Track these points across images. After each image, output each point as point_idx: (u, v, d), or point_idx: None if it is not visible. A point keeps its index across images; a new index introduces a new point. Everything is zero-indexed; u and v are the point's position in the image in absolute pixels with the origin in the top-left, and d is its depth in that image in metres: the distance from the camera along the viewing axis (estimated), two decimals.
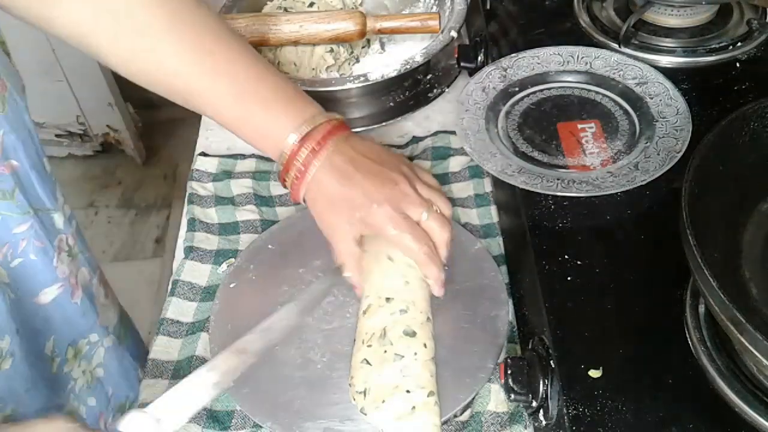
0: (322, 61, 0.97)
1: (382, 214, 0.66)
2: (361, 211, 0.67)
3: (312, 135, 0.67)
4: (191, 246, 0.82)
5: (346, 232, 0.68)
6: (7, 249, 0.64)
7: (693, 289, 0.62)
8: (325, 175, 0.67)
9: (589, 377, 0.58)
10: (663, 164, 0.72)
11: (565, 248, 0.68)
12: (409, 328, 0.65)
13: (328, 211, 0.69)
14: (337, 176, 0.67)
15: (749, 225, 0.63)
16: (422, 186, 0.70)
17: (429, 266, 0.68)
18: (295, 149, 0.67)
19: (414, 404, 0.61)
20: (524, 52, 0.87)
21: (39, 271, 0.68)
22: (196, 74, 0.67)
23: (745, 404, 0.54)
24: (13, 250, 0.65)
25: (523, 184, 0.73)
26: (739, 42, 0.88)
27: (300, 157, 0.67)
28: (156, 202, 2.29)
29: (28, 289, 0.68)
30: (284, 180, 0.70)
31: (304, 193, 0.69)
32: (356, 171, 0.68)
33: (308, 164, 0.67)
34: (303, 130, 0.67)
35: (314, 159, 0.67)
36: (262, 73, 0.69)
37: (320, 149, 0.67)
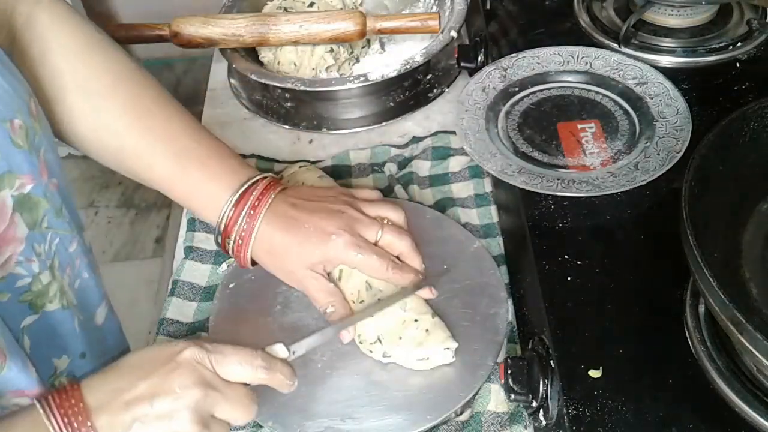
0: (322, 61, 0.97)
1: (341, 243, 0.67)
2: (319, 247, 0.67)
3: (249, 193, 0.69)
4: (191, 246, 0.82)
5: (314, 275, 0.69)
6: (70, 270, 0.62)
7: (693, 289, 0.62)
8: (271, 229, 0.68)
9: (589, 377, 0.58)
10: (663, 164, 0.72)
11: (565, 248, 0.68)
12: None
13: (288, 262, 0.69)
14: (283, 225, 0.68)
15: (749, 225, 0.63)
16: (366, 205, 0.71)
17: (402, 276, 0.69)
18: (234, 213, 0.68)
19: (426, 327, 0.66)
20: (524, 52, 0.87)
21: (92, 289, 0.66)
22: (136, 134, 0.69)
23: (745, 404, 0.54)
24: (73, 270, 0.63)
25: (523, 184, 0.73)
26: (739, 42, 0.88)
27: (240, 218, 0.68)
28: (156, 202, 2.29)
29: (89, 310, 0.66)
30: (225, 246, 0.70)
31: (250, 254, 0.70)
32: (301, 213, 0.69)
33: (251, 224, 0.68)
34: (240, 190, 0.69)
35: (255, 218, 0.68)
36: (199, 134, 0.71)
37: (259, 206, 0.68)
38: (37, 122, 0.59)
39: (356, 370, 0.67)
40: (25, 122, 0.57)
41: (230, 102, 1.04)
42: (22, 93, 0.58)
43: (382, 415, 0.63)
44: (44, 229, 0.59)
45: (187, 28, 0.95)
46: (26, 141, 0.56)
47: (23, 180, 0.56)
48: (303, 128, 0.97)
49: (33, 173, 0.57)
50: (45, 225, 0.59)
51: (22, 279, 0.56)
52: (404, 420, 0.63)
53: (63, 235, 0.61)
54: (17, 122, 0.56)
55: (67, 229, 0.62)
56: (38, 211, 0.58)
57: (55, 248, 0.60)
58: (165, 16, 0.97)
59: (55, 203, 0.60)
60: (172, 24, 0.95)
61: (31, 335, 0.57)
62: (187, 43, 0.96)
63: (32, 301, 0.57)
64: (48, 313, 0.59)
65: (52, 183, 0.60)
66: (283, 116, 0.99)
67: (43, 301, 0.58)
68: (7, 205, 0.55)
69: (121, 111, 0.69)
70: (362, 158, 0.90)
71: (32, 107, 0.59)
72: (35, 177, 0.57)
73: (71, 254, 0.63)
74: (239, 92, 1.04)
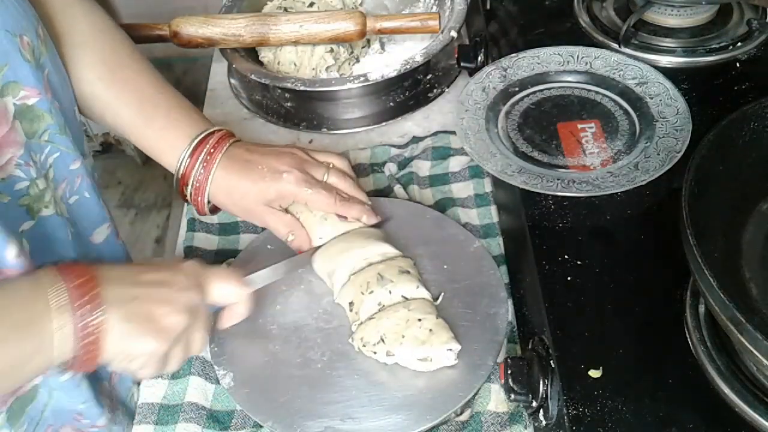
0: (322, 61, 0.97)
1: (292, 179, 0.73)
2: (273, 185, 0.72)
3: (204, 144, 0.73)
4: (191, 246, 0.82)
5: (272, 210, 0.74)
6: (66, 185, 0.65)
7: (693, 289, 0.62)
8: (227, 173, 0.73)
9: (589, 377, 0.58)
10: (663, 164, 0.72)
11: (565, 248, 0.68)
12: (403, 267, 0.70)
13: (246, 201, 0.74)
14: (238, 167, 0.73)
15: (749, 225, 0.63)
16: (313, 152, 0.77)
17: (350, 207, 0.75)
18: (190, 161, 0.73)
19: (429, 327, 0.66)
20: (524, 52, 0.87)
21: (92, 209, 0.70)
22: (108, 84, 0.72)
23: (745, 404, 0.54)
24: (71, 186, 0.66)
25: (523, 184, 0.73)
26: (739, 42, 0.88)
27: (197, 164, 0.73)
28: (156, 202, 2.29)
29: (85, 227, 0.69)
30: (183, 192, 0.75)
31: (207, 199, 0.74)
32: (254, 156, 0.74)
33: (207, 169, 0.72)
34: (197, 139, 0.73)
35: (211, 164, 0.72)
36: (166, 89, 0.76)
37: (215, 153, 0.73)
38: (43, 45, 0.62)
39: (356, 370, 0.67)
40: (33, 41, 0.60)
41: (230, 102, 1.04)
42: (32, 16, 0.61)
43: (382, 415, 0.63)
44: (43, 141, 0.62)
45: (187, 28, 0.95)
46: (33, 57, 0.60)
47: (28, 92, 0.59)
48: (303, 128, 0.97)
49: (38, 87, 0.60)
50: (45, 138, 0.62)
51: (20, 182, 0.59)
52: (404, 420, 0.63)
53: (65, 152, 0.64)
54: (26, 39, 0.59)
55: (70, 148, 0.65)
56: (39, 123, 0.61)
57: (52, 161, 0.63)
58: (165, 16, 0.97)
59: (60, 120, 0.63)
60: (172, 24, 0.95)
61: (29, 240, 0.60)
62: (187, 43, 0.96)
63: (29, 205, 0.60)
64: (43, 219, 0.62)
65: (55, 104, 0.63)
66: (283, 116, 0.99)
67: (39, 206, 0.61)
68: (9, 110, 0.58)
69: (96, 62, 0.72)
70: (362, 158, 0.90)
71: (40, 31, 0.62)
72: (41, 91, 0.60)
73: (72, 171, 0.66)
74: (239, 92, 1.05)
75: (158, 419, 0.68)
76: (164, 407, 0.69)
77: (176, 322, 0.59)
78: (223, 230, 0.84)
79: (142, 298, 0.58)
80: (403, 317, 0.67)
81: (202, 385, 0.70)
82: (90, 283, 0.55)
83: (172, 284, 0.61)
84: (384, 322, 0.67)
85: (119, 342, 0.56)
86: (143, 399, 0.69)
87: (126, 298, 0.57)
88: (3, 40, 0.57)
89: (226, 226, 0.84)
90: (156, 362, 0.59)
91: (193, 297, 0.61)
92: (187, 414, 0.67)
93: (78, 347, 0.54)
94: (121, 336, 0.56)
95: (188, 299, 0.61)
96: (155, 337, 0.58)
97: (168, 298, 0.59)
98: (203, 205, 0.75)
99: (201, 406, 0.68)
